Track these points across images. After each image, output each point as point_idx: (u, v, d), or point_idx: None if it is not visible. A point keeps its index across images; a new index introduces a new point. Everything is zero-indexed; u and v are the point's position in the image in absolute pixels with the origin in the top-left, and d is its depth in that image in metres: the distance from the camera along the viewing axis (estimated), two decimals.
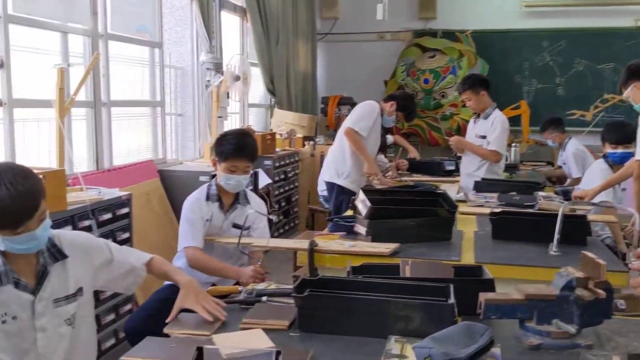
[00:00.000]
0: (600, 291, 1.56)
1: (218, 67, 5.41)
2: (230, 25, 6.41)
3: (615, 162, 4.20)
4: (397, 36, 8.11)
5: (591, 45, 7.61)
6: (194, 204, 2.78)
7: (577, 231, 2.71)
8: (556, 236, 2.47)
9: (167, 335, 1.73)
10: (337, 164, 4.59)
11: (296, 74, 7.39)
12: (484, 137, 4.46)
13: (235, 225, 2.75)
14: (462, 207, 3.61)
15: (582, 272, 1.62)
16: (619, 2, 7.41)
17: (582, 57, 7.70)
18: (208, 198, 2.79)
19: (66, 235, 1.89)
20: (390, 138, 5.98)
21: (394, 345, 1.59)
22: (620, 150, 4.16)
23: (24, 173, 1.68)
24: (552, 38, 7.74)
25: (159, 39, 4.91)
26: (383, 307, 1.68)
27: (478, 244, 2.74)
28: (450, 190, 4.41)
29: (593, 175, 4.34)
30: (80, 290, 1.85)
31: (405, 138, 7.78)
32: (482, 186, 4.09)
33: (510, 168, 5.50)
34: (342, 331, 1.69)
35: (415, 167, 5.41)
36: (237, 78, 5.57)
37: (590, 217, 2.98)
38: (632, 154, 3.78)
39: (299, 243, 2.70)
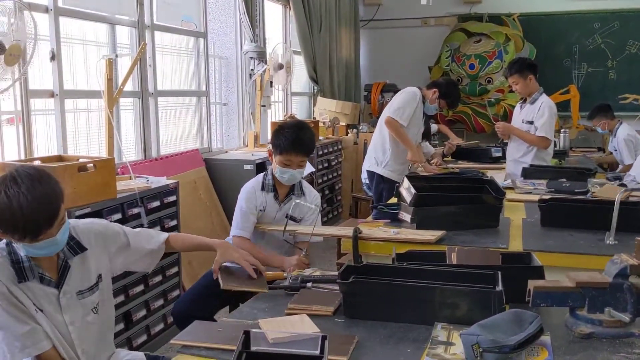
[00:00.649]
0: None
1: (261, 56, 5.43)
2: (273, 14, 6.42)
3: None
4: (441, 21, 7.98)
5: None
6: (250, 192, 2.78)
7: (633, 219, 2.62)
8: (613, 224, 2.38)
9: (214, 320, 1.76)
10: (377, 153, 4.56)
11: (339, 62, 7.36)
12: (531, 122, 4.35)
13: (289, 217, 2.74)
14: (509, 194, 3.54)
15: (637, 259, 1.57)
16: None
17: (636, 39, 7.41)
18: (263, 187, 2.79)
19: (80, 225, 1.89)
20: (434, 127, 5.90)
21: (440, 332, 1.57)
22: None
23: (41, 176, 1.63)
24: (604, 19, 7.47)
25: (203, 29, 4.96)
26: (429, 294, 1.66)
27: (526, 231, 2.69)
28: (497, 177, 4.32)
29: None
30: (100, 277, 1.88)
31: (451, 125, 7.69)
32: (530, 173, 4.01)
33: (560, 154, 5.35)
34: (387, 318, 1.68)
35: (461, 154, 5.34)
36: (280, 67, 5.59)
37: None
38: None
39: (343, 230, 2.69)
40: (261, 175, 2.84)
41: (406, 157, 4.42)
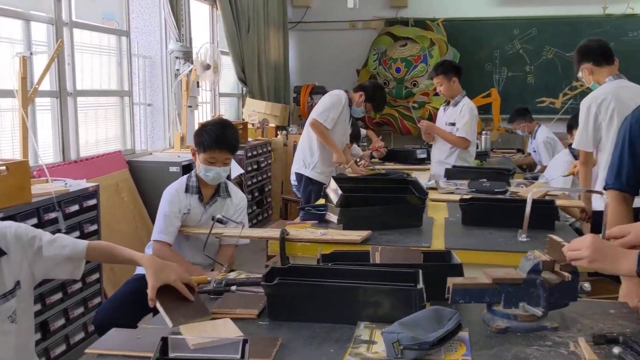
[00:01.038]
0: (566, 274, 1.57)
1: (187, 56, 5.33)
2: (200, 14, 6.32)
3: None
4: (368, 25, 8.10)
5: (560, 34, 7.69)
6: (173, 195, 2.71)
7: (545, 216, 2.75)
8: (525, 222, 2.49)
9: (134, 327, 1.70)
10: (304, 155, 4.58)
11: (268, 63, 7.34)
12: (453, 124, 4.49)
13: (215, 219, 2.69)
14: (433, 194, 3.63)
15: (549, 255, 1.63)
16: None
17: (551, 45, 7.78)
18: (187, 190, 2.72)
19: None
20: (363, 131, 5.98)
21: (363, 331, 1.58)
22: None
23: None
24: (523, 26, 7.80)
25: (126, 27, 4.82)
26: (352, 294, 1.67)
27: (448, 230, 2.76)
28: (422, 177, 4.43)
29: (556, 165, 4.40)
30: (18, 284, 1.77)
31: (378, 127, 7.83)
32: (453, 173, 4.13)
33: (481, 155, 5.55)
34: (311, 318, 1.67)
35: (387, 155, 5.44)
36: (208, 67, 5.51)
37: (558, 202, 3.02)
38: None
39: (271, 232, 2.68)
40: (184, 177, 2.78)
41: (332, 160, 4.46)
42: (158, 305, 1.73)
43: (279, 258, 2.51)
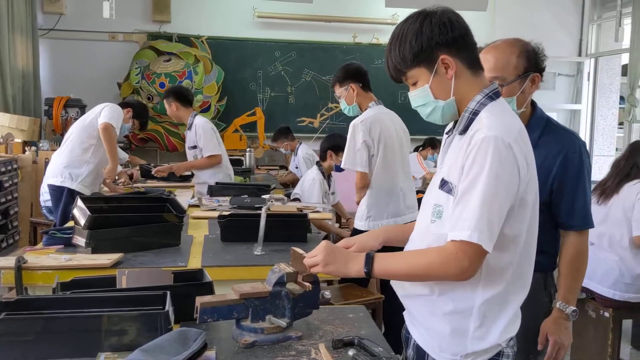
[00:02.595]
0: (306, 284, 1.65)
1: None
2: None
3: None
4: (130, 37, 7.79)
5: (317, 58, 8.25)
6: None
7: (299, 229, 2.88)
8: (260, 235, 2.53)
9: None
10: (72, 166, 4.24)
11: (13, 72, 6.61)
12: (195, 147, 4.57)
13: None
14: (195, 212, 3.60)
15: (293, 267, 1.69)
16: (339, 19, 8.16)
17: (309, 68, 8.29)
18: None
19: None
20: (125, 156, 5.68)
21: None
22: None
23: None
24: (283, 49, 8.20)
25: None
26: (93, 324, 1.53)
27: (207, 247, 2.74)
28: (186, 195, 4.38)
29: (307, 180, 4.73)
30: None
31: (143, 143, 7.55)
32: (216, 190, 4.14)
33: (245, 172, 5.67)
34: (45, 356, 1.50)
35: (149, 173, 5.24)
36: None
37: (311, 215, 3.19)
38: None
39: (4, 261, 2.36)
40: None
41: (104, 169, 4.21)
42: None
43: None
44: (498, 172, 1.36)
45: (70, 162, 4.27)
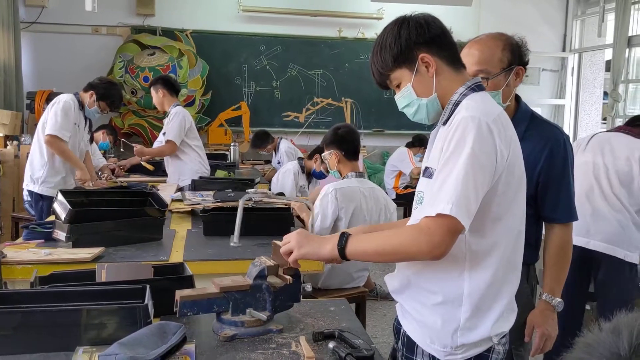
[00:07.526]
0: (287, 277, 1.65)
1: None
2: None
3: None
4: (113, 31, 7.71)
5: (303, 52, 8.22)
6: None
7: (281, 222, 2.88)
8: (237, 228, 2.51)
9: None
10: (32, 170, 4.14)
11: None
12: (164, 133, 4.58)
13: None
14: (178, 206, 3.58)
15: (274, 260, 1.69)
16: (325, 13, 8.14)
17: (295, 63, 8.26)
18: None
19: None
20: (103, 161, 5.56)
21: (82, 356, 1.45)
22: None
23: None
24: (269, 43, 8.16)
25: None
26: (72, 318, 1.52)
27: (189, 241, 2.73)
28: (170, 189, 4.34)
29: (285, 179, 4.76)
30: None
31: (127, 138, 7.48)
32: (199, 184, 4.12)
33: (230, 166, 5.65)
34: (22, 350, 1.49)
35: (134, 167, 5.21)
36: None
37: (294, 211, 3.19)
38: None
39: None
40: None
41: (75, 177, 4.14)
42: None
43: None
44: (475, 151, 1.36)
45: (30, 165, 4.17)
